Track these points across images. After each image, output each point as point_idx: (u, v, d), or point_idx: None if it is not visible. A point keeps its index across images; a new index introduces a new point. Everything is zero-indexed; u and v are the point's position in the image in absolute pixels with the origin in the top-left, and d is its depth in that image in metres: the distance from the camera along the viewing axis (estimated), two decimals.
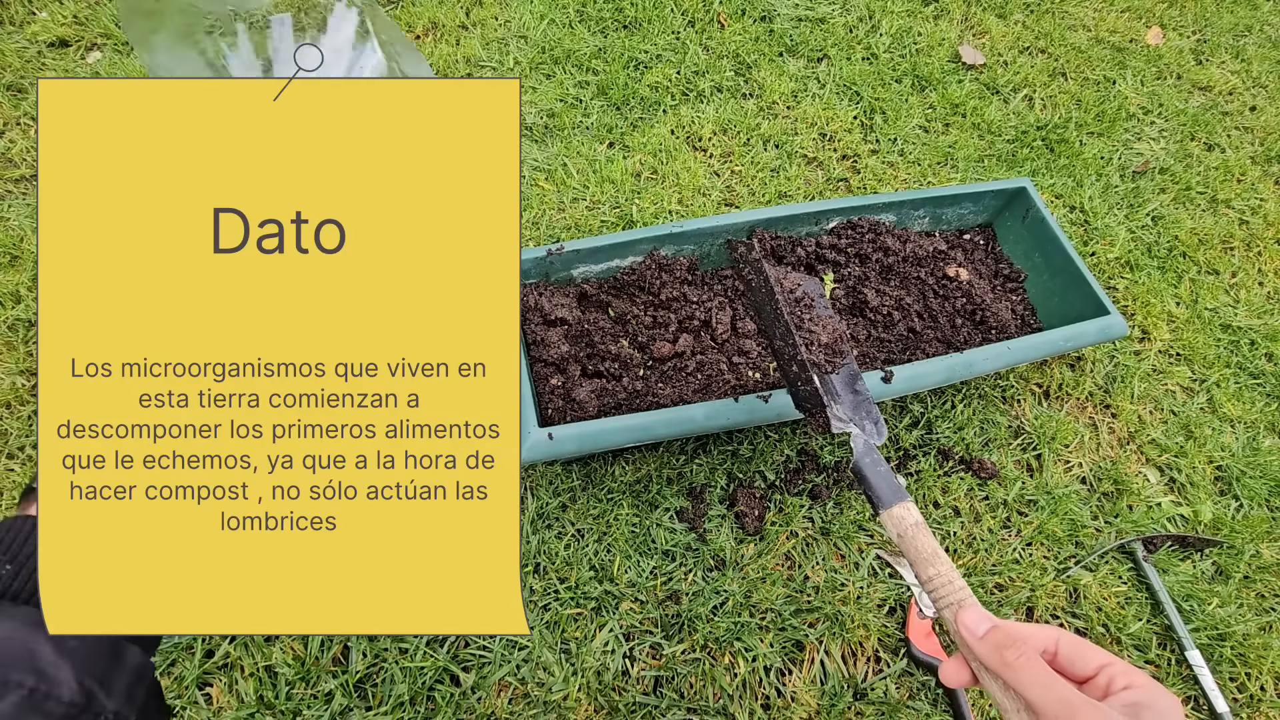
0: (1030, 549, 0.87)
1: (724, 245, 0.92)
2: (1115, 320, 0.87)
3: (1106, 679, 0.36)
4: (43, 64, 1.22)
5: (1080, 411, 0.99)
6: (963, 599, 0.42)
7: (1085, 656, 0.38)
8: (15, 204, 1.06)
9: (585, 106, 1.24)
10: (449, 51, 1.29)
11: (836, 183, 1.20)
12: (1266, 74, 1.45)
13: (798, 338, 0.60)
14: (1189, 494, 0.92)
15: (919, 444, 0.93)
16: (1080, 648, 0.38)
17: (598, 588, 0.79)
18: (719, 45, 1.36)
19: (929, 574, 0.45)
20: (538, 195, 1.13)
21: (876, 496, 0.50)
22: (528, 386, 0.77)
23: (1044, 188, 1.21)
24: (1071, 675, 0.38)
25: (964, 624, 0.40)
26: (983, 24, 1.46)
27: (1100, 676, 0.37)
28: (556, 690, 0.74)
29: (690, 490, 0.87)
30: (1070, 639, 0.38)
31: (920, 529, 0.47)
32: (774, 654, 0.77)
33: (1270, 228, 1.21)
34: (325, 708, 0.71)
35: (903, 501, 0.49)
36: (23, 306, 0.96)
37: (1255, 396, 1.02)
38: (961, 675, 0.41)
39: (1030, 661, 0.37)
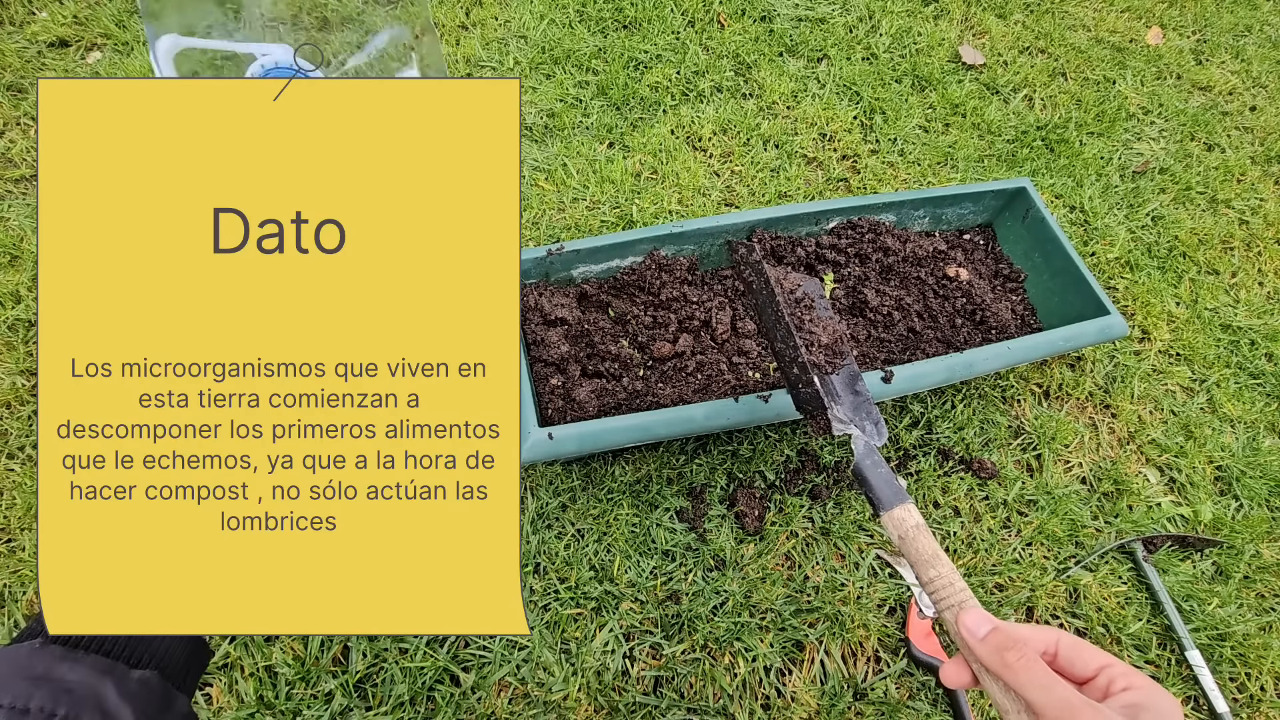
0: (1030, 549, 0.87)
1: (724, 245, 0.92)
2: (1115, 320, 0.87)
3: (1106, 680, 0.37)
4: (43, 64, 1.22)
5: (1080, 411, 0.99)
6: (963, 601, 0.42)
7: (1085, 658, 0.38)
8: (15, 204, 1.06)
9: (585, 106, 1.24)
10: (449, 51, 1.29)
11: (836, 183, 1.20)
12: (1266, 74, 1.45)
13: (798, 339, 0.61)
14: (1189, 494, 0.92)
15: (919, 444, 0.93)
16: (1080, 649, 0.38)
17: (598, 588, 0.79)
18: (719, 45, 1.36)
19: (929, 576, 0.45)
20: (538, 195, 1.13)
21: (877, 498, 0.50)
22: (528, 386, 0.77)
23: (1044, 188, 1.21)
24: (1071, 676, 0.38)
25: (965, 626, 0.40)
26: (983, 24, 1.46)
27: (1100, 678, 0.37)
28: (556, 690, 0.74)
29: (690, 490, 0.87)
30: (1070, 640, 0.39)
31: (921, 531, 0.47)
32: (774, 654, 0.77)
33: (1270, 228, 1.21)
34: (325, 708, 0.71)
35: (903, 503, 0.49)
36: (23, 306, 0.96)
37: (1255, 396, 1.02)
38: (962, 676, 0.41)
39: (1031, 663, 0.37)
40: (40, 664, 0.34)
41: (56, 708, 0.32)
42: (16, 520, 0.81)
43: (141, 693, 0.36)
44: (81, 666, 0.35)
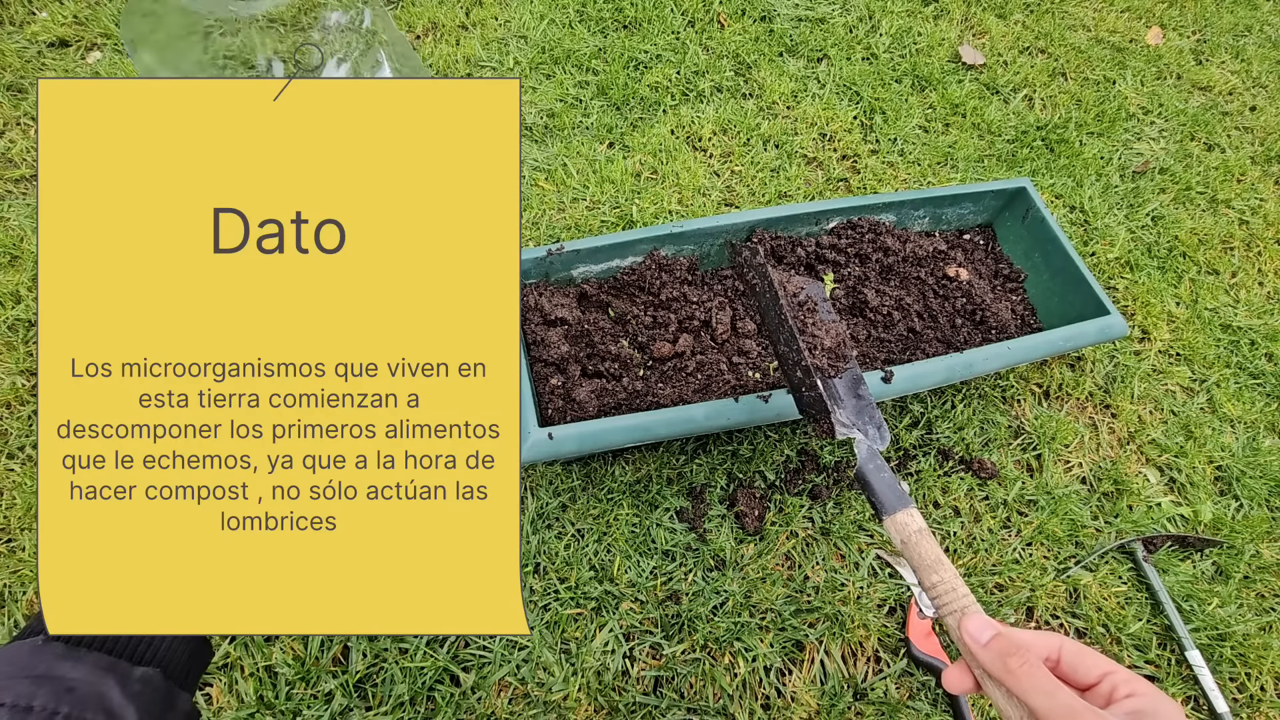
0: (1030, 549, 0.87)
1: (724, 245, 0.92)
2: (1115, 320, 0.87)
3: (1109, 687, 0.36)
4: (43, 64, 1.22)
5: (1080, 411, 0.99)
6: (966, 606, 0.42)
7: (1088, 664, 0.38)
8: (15, 204, 1.06)
9: (585, 106, 1.24)
10: (449, 51, 1.29)
11: (836, 183, 1.20)
12: (1266, 74, 1.45)
13: (801, 343, 0.60)
14: (1189, 494, 0.92)
15: (919, 444, 0.93)
16: (1083, 655, 0.38)
17: (598, 588, 0.79)
18: (719, 45, 1.36)
19: (932, 580, 0.45)
20: (538, 195, 1.13)
21: (880, 502, 0.50)
22: (528, 386, 0.77)
23: (1044, 188, 1.21)
24: (1074, 683, 0.38)
25: (967, 631, 0.40)
26: (983, 24, 1.46)
27: (1103, 684, 0.37)
28: (556, 690, 0.74)
29: (690, 490, 0.87)
30: (1073, 646, 0.38)
31: (923, 535, 0.47)
32: (774, 654, 0.77)
33: (1270, 228, 1.21)
34: (325, 708, 0.71)
35: (906, 508, 0.49)
36: (23, 306, 0.96)
37: (1255, 396, 1.02)
38: (965, 682, 0.41)
39: (1034, 669, 0.37)
40: (42, 662, 0.34)
41: (59, 706, 0.32)
42: (16, 520, 0.81)
43: (144, 691, 0.36)
44: (84, 665, 0.35)
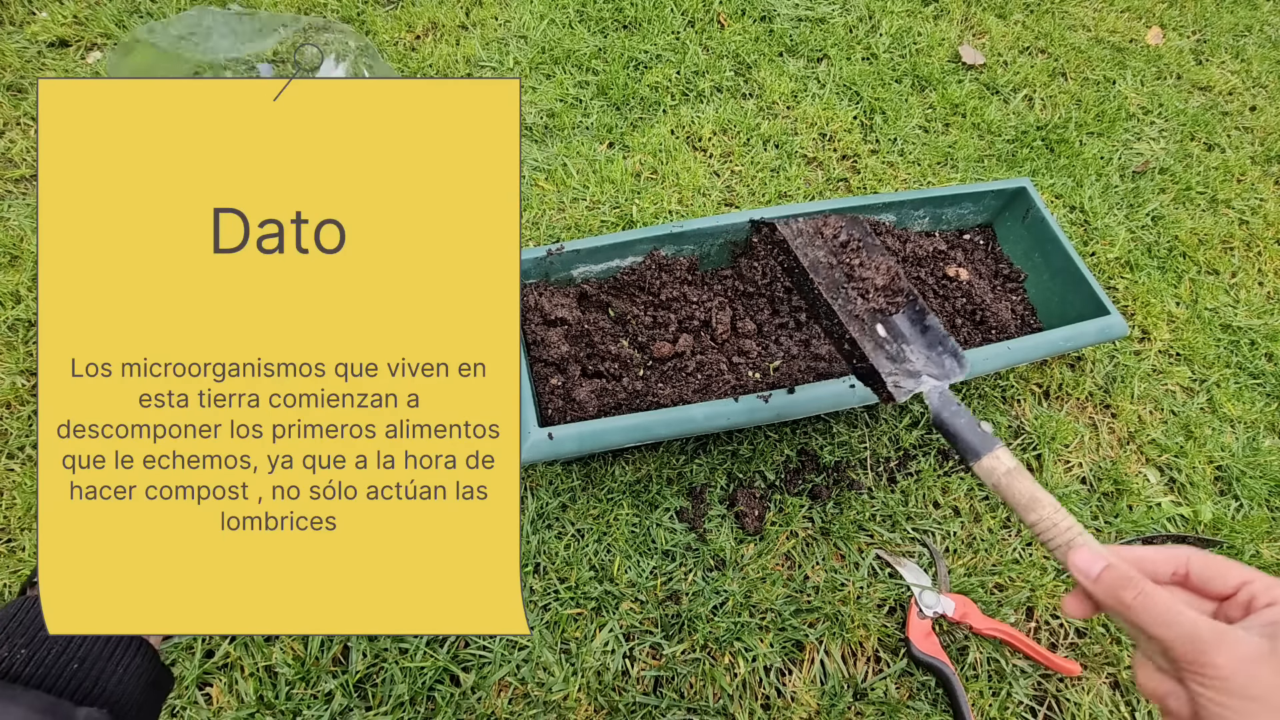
0: (1030, 549, 0.87)
1: (724, 245, 0.92)
2: (1115, 320, 0.87)
3: (1248, 596, 0.34)
4: (43, 64, 1.22)
5: (1080, 411, 0.99)
6: (1071, 540, 0.40)
7: (1223, 574, 0.35)
8: (15, 204, 1.06)
9: (585, 106, 1.24)
10: (449, 51, 1.29)
11: (836, 183, 1.20)
12: (1266, 74, 1.45)
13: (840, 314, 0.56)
14: (1189, 494, 0.92)
15: (919, 444, 0.93)
16: (1214, 565, 0.36)
17: (598, 588, 0.79)
18: (719, 45, 1.36)
19: (1031, 520, 0.43)
20: (538, 195, 1.13)
21: (965, 447, 0.47)
22: (528, 386, 0.77)
23: (1044, 188, 1.21)
24: (1209, 594, 0.36)
25: (1076, 566, 0.38)
26: (983, 24, 1.46)
27: (1241, 594, 0.34)
28: (556, 690, 0.74)
29: (690, 490, 0.87)
30: (1201, 558, 0.36)
31: (1014, 475, 0.44)
32: (774, 654, 0.77)
33: (1270, 228, 1.21)
34: (325, 708, 0.71)
35: (991, 450, 0.46)
36: (23, 306, 0.96)
37: (1255, 396, 1.02)
38: (1083, 608, 0.39)
39: (1149, 599, 0.34)
40: None
41: None
42: (16, 520, 0.81)
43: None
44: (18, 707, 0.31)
